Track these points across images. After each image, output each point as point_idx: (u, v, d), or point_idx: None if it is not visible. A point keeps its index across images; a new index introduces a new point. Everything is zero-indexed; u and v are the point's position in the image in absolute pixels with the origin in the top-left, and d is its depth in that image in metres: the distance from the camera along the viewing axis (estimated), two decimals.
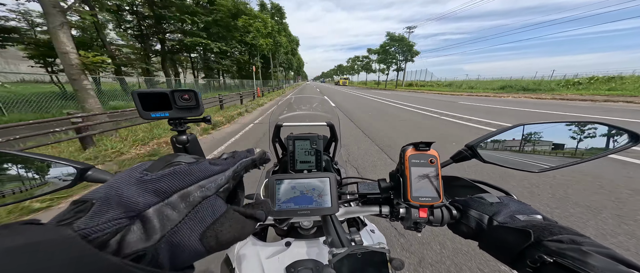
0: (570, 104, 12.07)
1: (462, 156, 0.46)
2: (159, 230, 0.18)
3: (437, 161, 0.41)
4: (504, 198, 0.39)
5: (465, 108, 10.32)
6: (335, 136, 0.95)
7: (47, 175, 0.37)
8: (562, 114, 8.30)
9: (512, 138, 0.46)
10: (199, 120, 0.42)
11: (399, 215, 0.47)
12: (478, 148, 0.45)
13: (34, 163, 0.37)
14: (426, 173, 0.41)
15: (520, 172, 2.41)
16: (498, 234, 0.33)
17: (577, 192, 2.50)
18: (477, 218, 0.37)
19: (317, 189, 0.46)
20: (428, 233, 1.85)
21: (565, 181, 2.72)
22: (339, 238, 0.39)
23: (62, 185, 0.37)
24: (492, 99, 15.82)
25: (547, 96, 16.54)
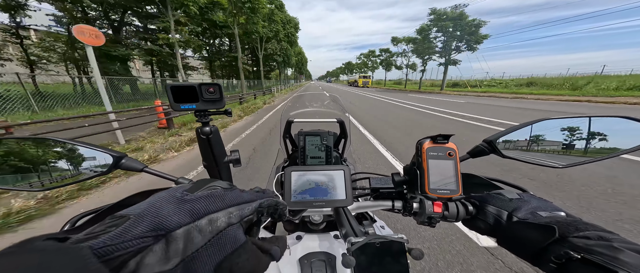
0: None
1: (480, 151, 0.45)
2: (181, 253, 0.17)
3: (455, 154, 0.41)
4: (524, 194, 0.39)
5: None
6: (345, 133, 0.96)
7: (87, 161, 0.41)
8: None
9: (535, 133, 0.45)
10: (221, 113, 0.44)
11: (412, 210, 0.47)
12: (497, 143, 0.44)
13: (77, 150, 0.40)
14: (444, 166, 0.41)
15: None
16: (519, 230, 0.33)
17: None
18: (495, 214, 0.37)
19: (331, 181, 0.47)
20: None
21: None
22: (353, 230, 0.40)
23: (100, 171, 0.40)
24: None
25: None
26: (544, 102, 13.64)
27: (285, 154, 0.97)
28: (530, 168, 2.94)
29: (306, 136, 0.85)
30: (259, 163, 3.54)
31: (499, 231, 0.36)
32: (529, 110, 9.91)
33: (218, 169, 0.50)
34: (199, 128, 0.44)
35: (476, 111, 9.25)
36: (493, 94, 19.95)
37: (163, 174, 0.45)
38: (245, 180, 2.94)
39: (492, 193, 0.41)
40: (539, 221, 0.31)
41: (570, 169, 2.89)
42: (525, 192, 0.43)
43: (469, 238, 1.80)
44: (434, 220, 0.43)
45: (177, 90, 0.39)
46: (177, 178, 0.46)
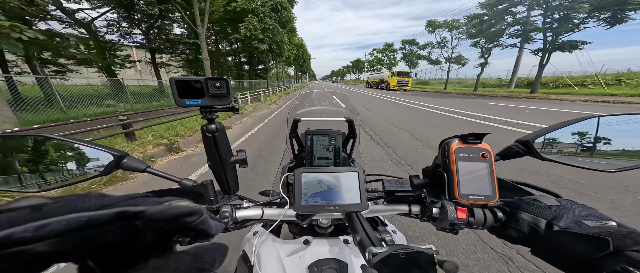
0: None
1: (513, 152, 0.41)
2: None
3: (490, 155, 0.37)
4: (565, 201, 0.35)
5: None
6: (354, 133, 0.93)
7: (87, 160, 0.38)
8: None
9: (582, 132, 0.40)
10: (227, 109, 0.42)
11: (432, 215, 0.44)
12: (534, 143, 0.40)
13: (76, 149, 0.38)
14: (477, 169, 0.37)
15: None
16: (561, 241, 0.30)
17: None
18: (531, 222, 0.34)
19: (345, 184, 0.44)
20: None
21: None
22: (369, 236, 0.37)
23: (100, 171, 0.38)
24: None
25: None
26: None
27: (292, 154, 0.95)
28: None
29: (313, 136, 0.82)
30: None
31: (535, 240, 0.33)
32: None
33: (223, 170, 0.47)
34: (205, 126, 0.42)
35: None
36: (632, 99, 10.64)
37: (166, 175, 0.43)
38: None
39: (525, 198, 0.37)
40: (587, 231, 0.28)
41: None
42: (560, 198, 0.39)
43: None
44: (457, 227, 0.40)
45: (182, 85, 0.36)
46: (180, 179, 0.44)
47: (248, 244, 0.59)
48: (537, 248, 0.33)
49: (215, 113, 0.42)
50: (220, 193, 0.51)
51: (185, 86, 0.37)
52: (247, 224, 0.52)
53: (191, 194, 0.52)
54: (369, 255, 0.30)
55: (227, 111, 0.42)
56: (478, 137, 0.37)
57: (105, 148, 0.39)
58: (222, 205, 0.45)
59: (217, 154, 0.45)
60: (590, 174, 2.64)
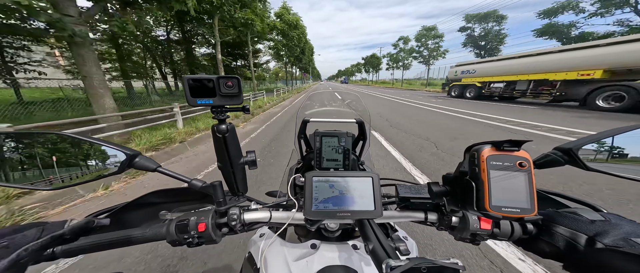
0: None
1: (551, 161, 0.38)
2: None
3: (529, 165, 0.34)
4: (610, 215, 0.32)
5: None
6: (364, 134, 0.91)
7: (100, 159, 0.38)
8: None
9: (635, 142, 0.36)
10: (238, 109, 0.41)
11: (451, 224, 0.41)
12: (577, 151, 0.37)
13: (89, 147, 0.38)
14: (513, 179, 0.34)
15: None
16: (604, 259, 0.27)
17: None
18: (569, 237, 0.31)
19: (358, 189, 0.42)
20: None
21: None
22: (382, 246, 0.35)
23: (113, 170, 0.38)
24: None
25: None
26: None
27: (299, 155, 0.94)
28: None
29: (322, 137, 0.80)
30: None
31: (571, 257, 0.30)
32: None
33: (233, 171, 0.47)
34: (215, 126, 0.41)
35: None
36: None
37: (177, 175, 0.42)
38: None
39: (562, 211, 0.34)
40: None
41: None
42: (600, 211, 0.35)
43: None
44: (479, 238, 0.37)
45: (194, 83, 0.36)
46: (190, 179, 0.43)
47: (254, 246, 0.58)
48: (572, 264, 0.30)
49: (226, 113, 0.41)
50: (228, 194, 0.51)
51: (198, 84, 0.36)
52: (255, 227, 0.51)
53: (200, 194, 0.51)
54: (386, 268, 0.28)
55: (238, 111, 0.41)
56: (516, 144, 0.33)
57: (118, 146, 0.39)
58: (230, 207, 0.45)
59: (227, 155, 0.44)
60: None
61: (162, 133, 4.56)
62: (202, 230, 0.39)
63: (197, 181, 0.44)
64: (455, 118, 7.21)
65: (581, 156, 0.36)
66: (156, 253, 1.64)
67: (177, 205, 0.56)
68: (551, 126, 5.68)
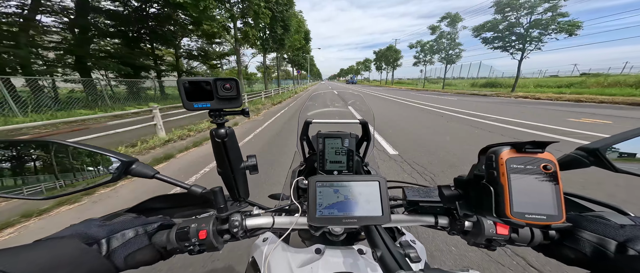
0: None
1: (574, 162, 0.35)
2: (105, 250, 0.32)
3: (555, 168, 0.31)
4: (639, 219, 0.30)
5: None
6: (368, 136, 0.89)
7: (95, 166, 0.37)
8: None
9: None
10: (237, 112, 0.39)
11: (463, 228, 0.39)
12: (604, 152, 0.34)
13: (84, 154, 0.37)
14: (537, 184, 0.31)
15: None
16: (638, 267, 0.25)
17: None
18: (596, 243, 0.29)
19: (364, 194, 0.40)
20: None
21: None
22: (391, 253, 0.33)
23: (108, 178, 0.37)
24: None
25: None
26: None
27: (302, 157, 0.92)
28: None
29: (325, 139, 0.79)
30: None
31: (600, 264, 0.28)
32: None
33: (233, 177, 0.45)
34: (214, 130, 0.40)
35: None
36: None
37: (175, 181, 0.41)
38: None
39: (588, 215, 0.32)
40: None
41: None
42: (627, 215, 0.33)
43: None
44: (496, 243, 0.35)
45: (190, 86, 0.34)
46: (190, 186, 0.42)
47: (257, 251, 0.56)
48: (601, 272, 0.28)
49: (224, 117, 0.39)
50: (229, 199, 0.49)
51: (194, 87, 0.34)
52: (257, 233, 0.49)
53: (201, 199, 0.50)
54: None
55: (237, 114, 0.39)
56: (539, 146, 0.30)
57: (114, 153, 0.37)
58: (231, 214, 0.43)
59: (227, 160, 0.43)
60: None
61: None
62: (203, 238, 0.38)
63: (197, 187, 0.42)
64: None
65: (609, 156, 0.33)
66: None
67: (178, 210, 0.55)
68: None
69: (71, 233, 0.31)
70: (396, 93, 22.49)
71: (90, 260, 0.29)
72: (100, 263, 0.30)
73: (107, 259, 0.31)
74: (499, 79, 31.42)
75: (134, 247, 0.35)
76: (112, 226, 0.34)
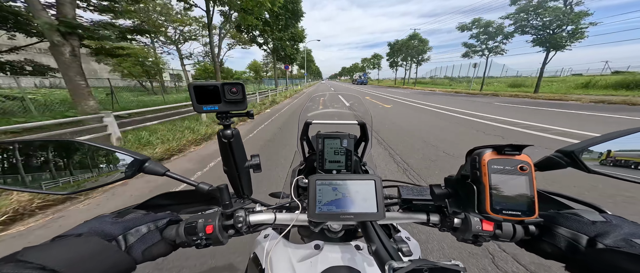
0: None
1: (552, 163, 0.38)
2: (123, 245, 0.35)
3: (530, 169, 0.34)
4: (612, 217, 0.32)
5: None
6: (366, 136, 0.92)
7: (111, 164, 0.40)
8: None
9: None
10: (242, 114, 0.42)
11: (453, 225, 0.42)
12: (580, 154, 0.37)
13: (101, 153, 0.40)
14: (514, 183, 0.34)
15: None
16: (605, 259, 0.27)
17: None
18: (570, 238, 0.31)
19: (360, 192, 0.43)
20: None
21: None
22: (385, 247, 0.36)
23: (122, 176, 0.39)
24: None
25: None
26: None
27: (302, 156, 0.95)
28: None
29: (325, 139, 0.81)
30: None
31: (573, 258, 0.31)
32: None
33: (238, 175, 0.48)
34: (221, 131, 0.42)
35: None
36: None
37: (184, 178, 0.44)
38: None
39: (563, 212, 0.35)
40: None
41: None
42: (604, 212, 0.36)
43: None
44: (482, 239, 0.38)
45: (199, 90, 0.37)
46: (198, 183, 0.45)
47: (259, 247, 0.59)
48: (573, 265, 0.31)
49: (231, 119, 0.42)
50: (234, 196, 0.52)
51: (203, 91, 0.37)
52: (260, 228, 0.52)
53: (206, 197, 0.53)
54: (389, 270, 0.28)
55: (242, 116, 0.42)
56: (517, 148, 0.34)
57: (128, 152, 0.40)
58: (236, 210, 0.46)
59: (233, 159, 0.45)
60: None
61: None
62: (209, 232, 0.40)
63: (204, 184, 0.45)
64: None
65: (583, 158, 0.36)
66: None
67: (185, 207, 0.57)
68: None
69: (89, 230, 0.32)
70: (447, 102, 12.67)
71: (112, 255, 0.31)
72: (122, 258, 0.32)
73: (127, 254, 0.33)
74: (520, 79, 28.21)
75: (149, 242, 0.37)
76: (125, 224, 0.36)
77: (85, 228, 0.33)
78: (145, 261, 0.37)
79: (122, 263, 0.32)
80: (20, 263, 0.25)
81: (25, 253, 0.26)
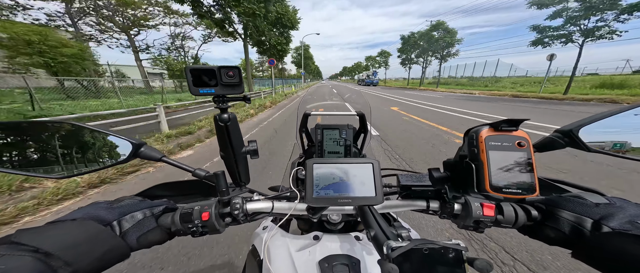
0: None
1: (551, 143, 0.37)
2: (119, 231, 0.34)
3: (528, 144, 0.33)
4: (615, 199, 0.31)
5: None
6: (366, 127, 0.91)
7: (107, 148, 0.40)
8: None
9: (637, 120, 0.35)
10: (239, 99, 0.42)
11: (453, 212, 0.41)
12: (578, 133, 0.36)
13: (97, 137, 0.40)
14: (513, 159, 0.34)
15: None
16: (612, 243, 0.26)
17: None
18: (574, 221, 0.30)
19: (358, 176, 0.42)
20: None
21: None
22: (384, 232, 0.35)
23: (119, 159, 0.39)
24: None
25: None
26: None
27: (301, 149, 0.94)
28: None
29: (324, 130, 0.81)
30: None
31: (578, 242, 0.30)
32: None
33: (235, 160, 0.47)
34: (217, 115, 0.42)
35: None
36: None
37: (181, 164, 0.44)
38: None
39: (566, 195, 0.34)
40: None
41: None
42: (604, 196, 0.35)
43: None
44: (483, 225, 0.37)
45: (196, 73, 0.37)
46: (194, 169, 0.45)
47: (257, 238, 0.59)
48: (580, 250, 0.29)
49: (227, 102, 0.42)
50: (231, 184, 0.51)
51: (199, 74, 0.37)
52: (257, 217, 0.52)
53: (203, 187, 0.52)
54: (387, 249, 0.28)
55: (239, 100, 0.42)
56: (513, 123, 0.33)
57: (125, 137, 0.40)
58: (233, 197, 0.46)
59: (230, 144, 0.45)
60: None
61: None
62: (205, 219, 0.40)
63: (201, 170, 0.45)
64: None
65: (582, 137, 0.35)
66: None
67: (182, 198, 0.57)
68: None
69: (83, 215, 0.32)
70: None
71: (107, 239, 0.30)
72: (116, 243, 0.32)
73: (121, 239, 0.33)
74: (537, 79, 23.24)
75: (144, 228, 0.36)
76: (120, 209, 0.36)
77: (80, 214, 0.33)
78: (140, 248, 0.36)
79: (117, 248, 0.32)
80: (14, 245, 0.24)
81: (19, 235, 0.25)
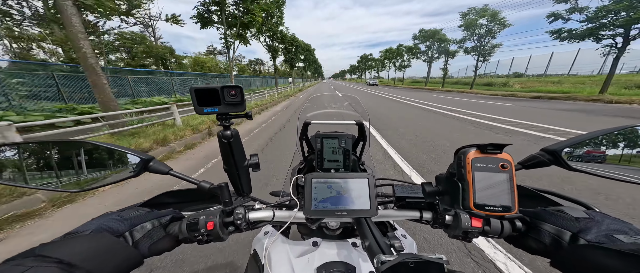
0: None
1: (537, 162, 0.39)
2: (131, 240, 0.37)
3: (510, 166, 0.36)
4: (594, 213, 0.33)
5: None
6: (364, 136, 0.93)
7: (118, 163, 0.42)
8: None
9: (619, 143, 0.37)
10: (241, 116, 0.44)
11: (444, 222, 0.43)
12: (562, 153, 0.38)
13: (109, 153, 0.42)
14: (495, 180, 0.36)
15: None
16: (586, 255, 0.28)
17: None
18: (554, 233, 0.32)
19: (354, 190, 0.45)
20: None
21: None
22: (378, 243, 0.37)
23: (129, 174, 0.42)
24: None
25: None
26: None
27: (301, 156, 0.96)
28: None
29: (323, 139, 0.83)
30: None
31: (557, 253, 0.32)
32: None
33: (238, 173, 0.50)
34: (221, 132, 0.44)
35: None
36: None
37: (187, 177, 0.46)
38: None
39: (549, 209, 0.36)
40: (621, 248, 0.26)
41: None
42: (591, 209, 0.37)
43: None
44: (471, 235, 0.39)
45: (200, 93, 0.39)
46: (199, 182, 0.47)
47: (259, 244, 0.61)
48: (558, 260, 0.31)
49: (230, 120, 0.44)
50: (234, 194, 0.54)
51: (203, 94, 0.39)
52: (259, 225, 0.54)
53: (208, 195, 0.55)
54: (377, 263, 0.30)
55: (241, 117, 0.44)
56: (498, 147, 0.35)
57: (134, 152, 0.42)
58: (236, 207, 0.48)
59: (233, 158, 0.47)
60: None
61: None
62: (210, 228, 0.42)
63: (206, 183, 0.47)
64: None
65: (566, 157, 0.38)
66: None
67: (187, 205, 0.59)
68: None
69: (97, 227, 0.34)
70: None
71: (122, 250, 0.33)
72: (130, 253, 0.34)
73: (134, 249, 0.35)
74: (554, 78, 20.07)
75: (154, 238, 0.39)
76: (131, 221, 0.38)
77: (94, 225, 0.35)
78: (151, 255, 0.39)
79: (131, 257, 0.34)
80: (39, 258, 0.27)
81: (43, 248, 0.28)
